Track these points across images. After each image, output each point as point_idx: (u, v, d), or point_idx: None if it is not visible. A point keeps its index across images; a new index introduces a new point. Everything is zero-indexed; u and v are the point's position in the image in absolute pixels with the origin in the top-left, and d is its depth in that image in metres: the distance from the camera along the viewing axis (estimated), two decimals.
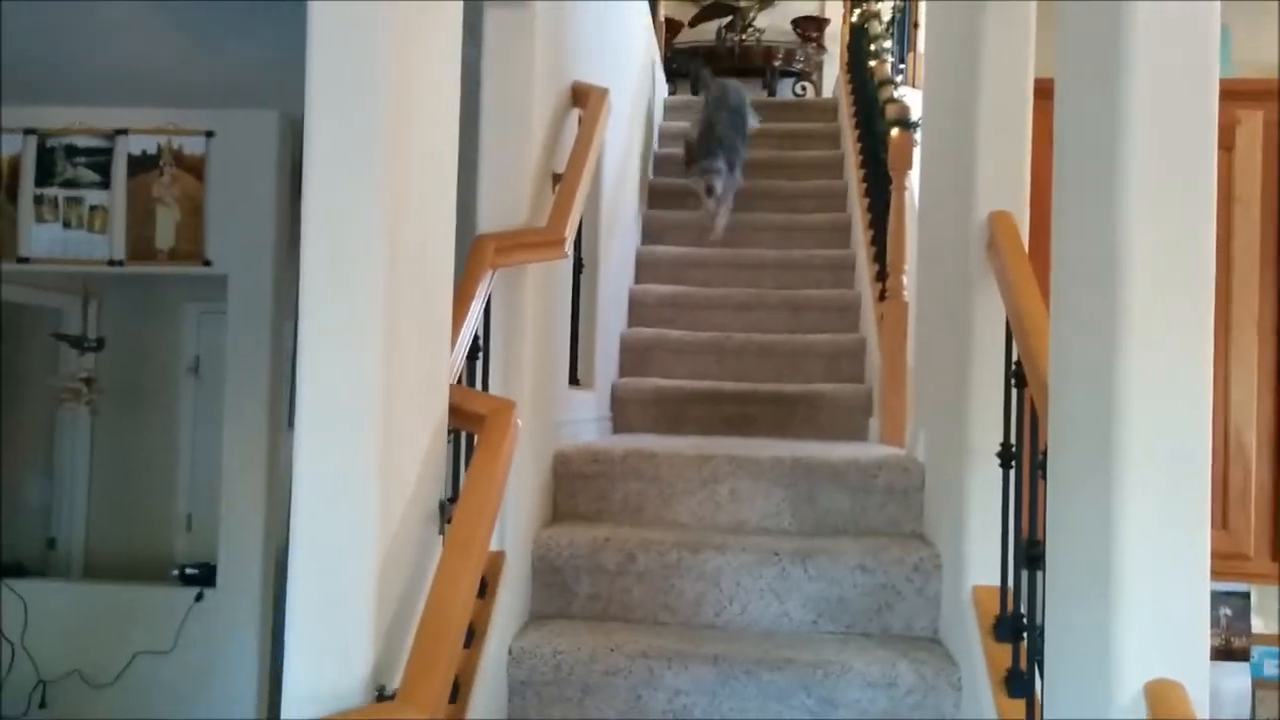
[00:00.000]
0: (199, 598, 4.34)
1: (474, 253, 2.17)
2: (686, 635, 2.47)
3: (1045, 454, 1.77)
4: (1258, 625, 2.55)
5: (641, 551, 2.59)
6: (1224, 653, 2.54)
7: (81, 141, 4.21)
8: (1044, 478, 1.79)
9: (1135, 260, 1.40)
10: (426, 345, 1.67)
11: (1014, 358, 2.11)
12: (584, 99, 2.91)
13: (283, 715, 1.41)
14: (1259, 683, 2.57)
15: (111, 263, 4.25)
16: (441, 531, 1.74)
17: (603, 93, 2.97)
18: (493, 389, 2.30)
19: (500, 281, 2.33)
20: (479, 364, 2.21)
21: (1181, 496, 1.39)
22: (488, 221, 2.36)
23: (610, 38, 3.94)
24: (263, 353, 4.32)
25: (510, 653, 2.34)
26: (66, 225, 4.21)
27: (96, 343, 4.67)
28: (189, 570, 4.52)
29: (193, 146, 4.22)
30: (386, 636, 1.49)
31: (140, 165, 4.23)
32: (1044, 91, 2.23)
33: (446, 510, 1.74)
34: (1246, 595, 2.54)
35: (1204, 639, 1.38)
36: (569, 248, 2.49)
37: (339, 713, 1.39)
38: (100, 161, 4.21)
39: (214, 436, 4.76)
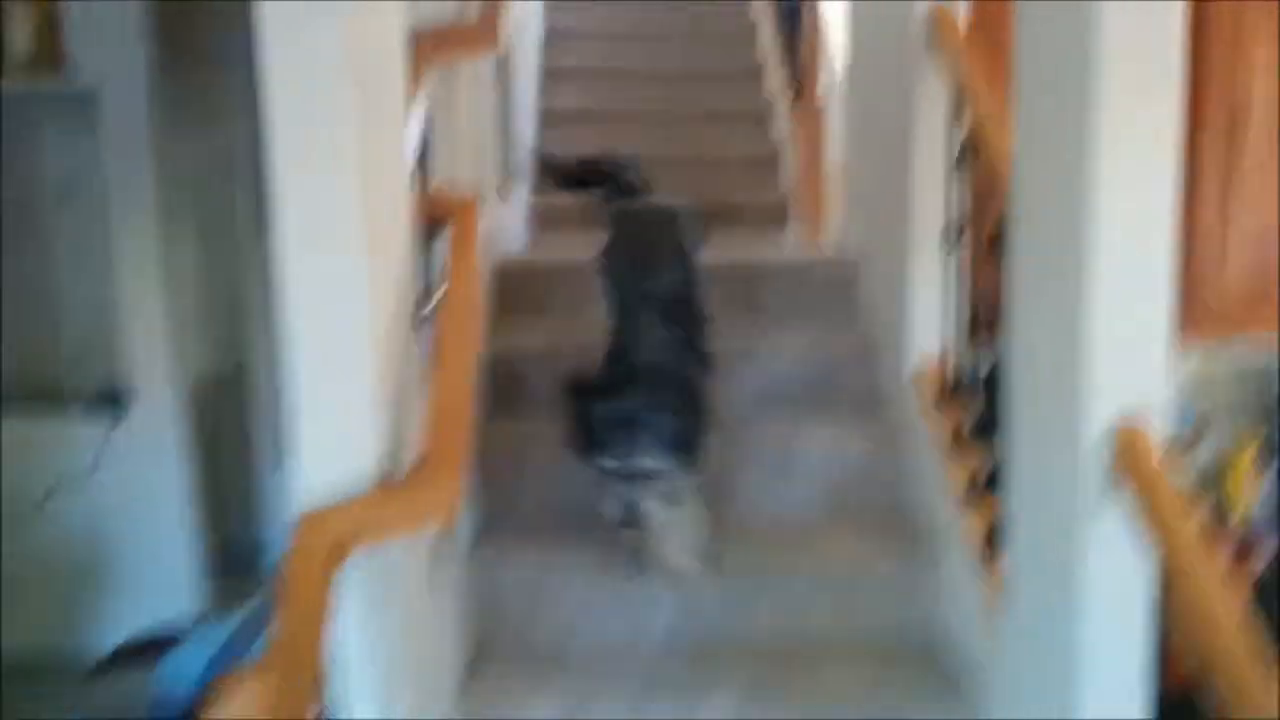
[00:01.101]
0: (115, 420, 4.22)
1: (415, 49, 2.07)
2: None
3: (998, 225, 1.87)
4: None
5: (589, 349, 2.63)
6: None
7: None
8: (992, 250, 1.90)
9: (1108, 36, 1.45)
10: (393, 147, 1.62)
11: (960, 139, 2.18)
12: None
13: (296, 505, 1.42)
14: None
15: None
16: (422, 321, 1.73)
17: None
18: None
19: (435, 80, 2.24)
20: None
21: (1145, 257, 1.50)
22: (420, 17, 2.24)
23: None
24: (143, 170, 4.05)
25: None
26: None
27: None
28: (93, 399, 4.37)
29: None
30: (391, 422, 1.50)
31: None
32: None
33: (424, 301, 1.74)
34: None
35: (1165, 385, 1.51)
36: (502, 43, 2.40)
37: (356, 495, 1.40)
38: None
39: (92, 262, 4.53)
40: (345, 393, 1.43)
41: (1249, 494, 2.58)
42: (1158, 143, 1.50)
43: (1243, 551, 2.49)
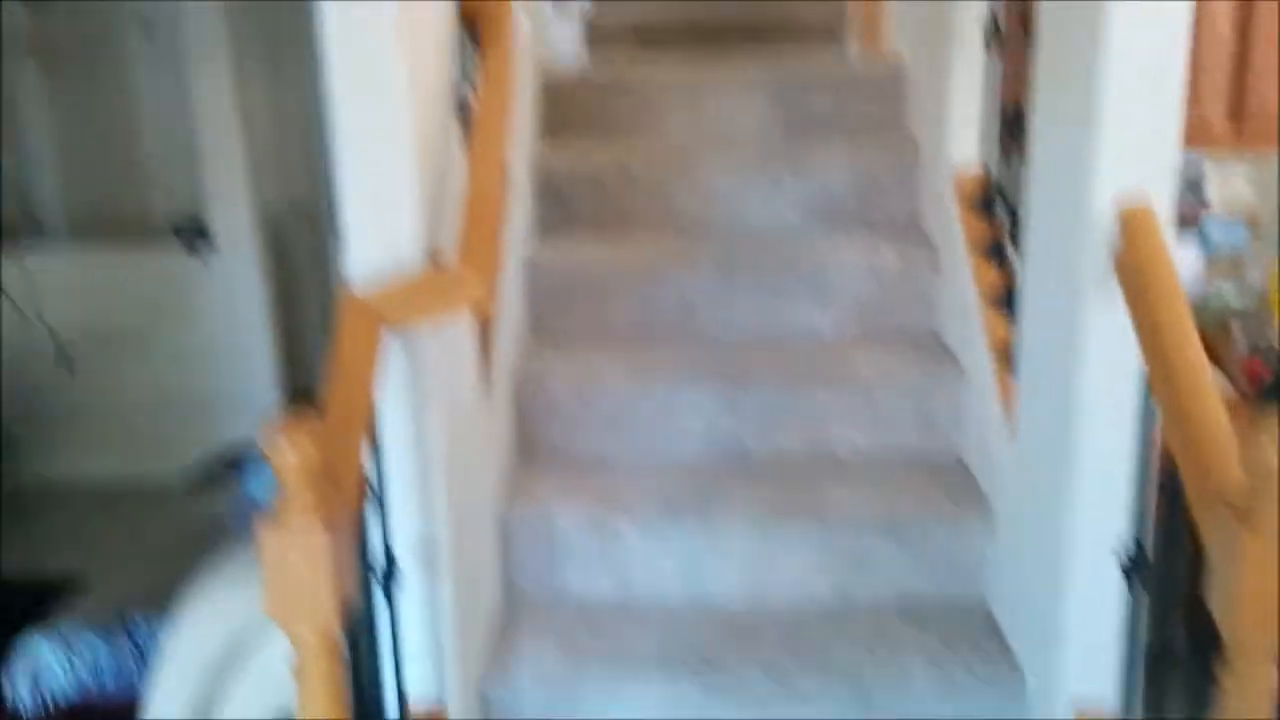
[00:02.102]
0: (195, 250, 4.46)
1: None
2: (687, 238, 2.64)
3: (1031, 25, 1.85)
4: (1211, 196, 2.75)
5: (638, 164, 2.69)
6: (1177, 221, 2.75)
7: None
8: (1029, 50, 1.88)
9: None
10: None
11: None
12: None
13: (347, 289, 1.56)
14: (1207, 254, 2.81)
15: None
16: (463, 126, 1.82)
17: None
18: None
19: None
20: None
21: (1159, 47, 1.49)
22: None
23: None
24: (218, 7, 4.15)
25: (526, 262, 2.50)
26: None
27: None
28: (181, 229, 4.60)
29: None
30: (430, 214, 1.61)
31: None
32: None
33: (465, 104, 1.82)
34: (1201, 167, 2.71)
35: (1171, 172, 1.53)
36: None
37: (397, 277, 1.54)
38: None
39: (173, 96, 4.67)
40: (389, 183, 1.54)
41: None
42: None
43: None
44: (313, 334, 5.45)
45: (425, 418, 1.63)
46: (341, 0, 1.48)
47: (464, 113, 1.85)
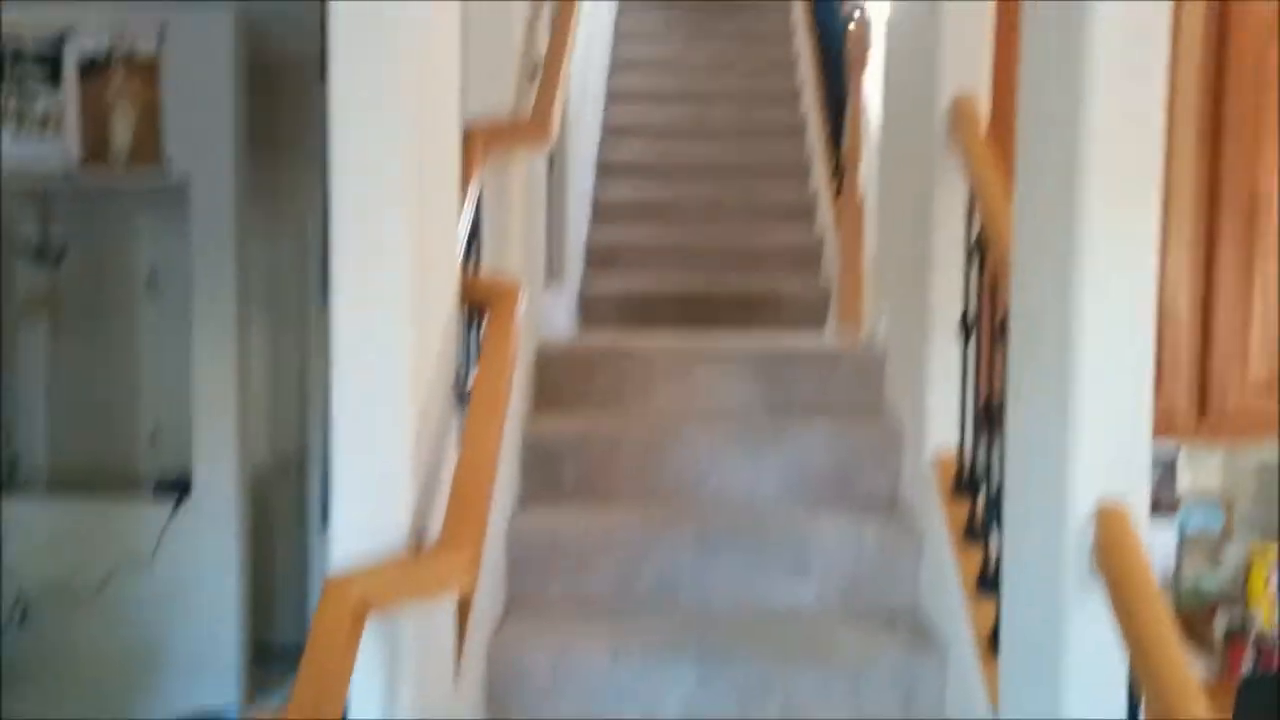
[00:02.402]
0: (177, 505, 4.43)
1: (466, 141, 2.25)
2: (670, 509, 2.65)
3: (1005, 319, 1.95)
4: (1184, 483, 2.80)
5: (625, 436, 2.75)
6: (1152, 508, 2.78)
7: (28, 43, 4.14)
8: (1003, 342, 1.98)
9: (1094, 148, 1.55)
10: (443, 230, 1.78)
11: (975, 233, 2.28)
12: None
13: (330, 568, 1.55)
14: (1185, 537, 2.83)
15: (67, 172, 4.22)
16: (460, 402, 1.87)
17: None
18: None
19: (488, 171, 2.42)
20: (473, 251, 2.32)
21: (1130, 345, 1.57)
22: (474, 112, 2.44)
23: None
24: (226, 260, 4.34)
25: (509, 529, 2.50)
26: (17, 128, 4.16)
27: (58, 256, 4.64)
28: (163, 483, 4.59)
29: (145, 46, 4.17)
30: (421, 496, 1.63)
31: (91, 67, 4.17)
32: None
33: (463, 382, 1.87)
34: (1174, 455, 2.78)
35: (1145, 468, 1.58)
36: (553, 137, 2.58)
37: (382, 561, 1.53)
38: (48, 64, 4.15)
39: (174, 349, 4.79)
40: (382, 466, 1.57)
41: (1271, 602, 2.56)
42: (1139, 248, 1.59)
43: (1261, 659, 2.47)
44: (285, 588, 5.34)
45: (396, 704, 1.58)
46: (354, 275, 1.56)
47: (459, 387, 1.91)
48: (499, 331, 1.86)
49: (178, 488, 4.49)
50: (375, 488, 1.56)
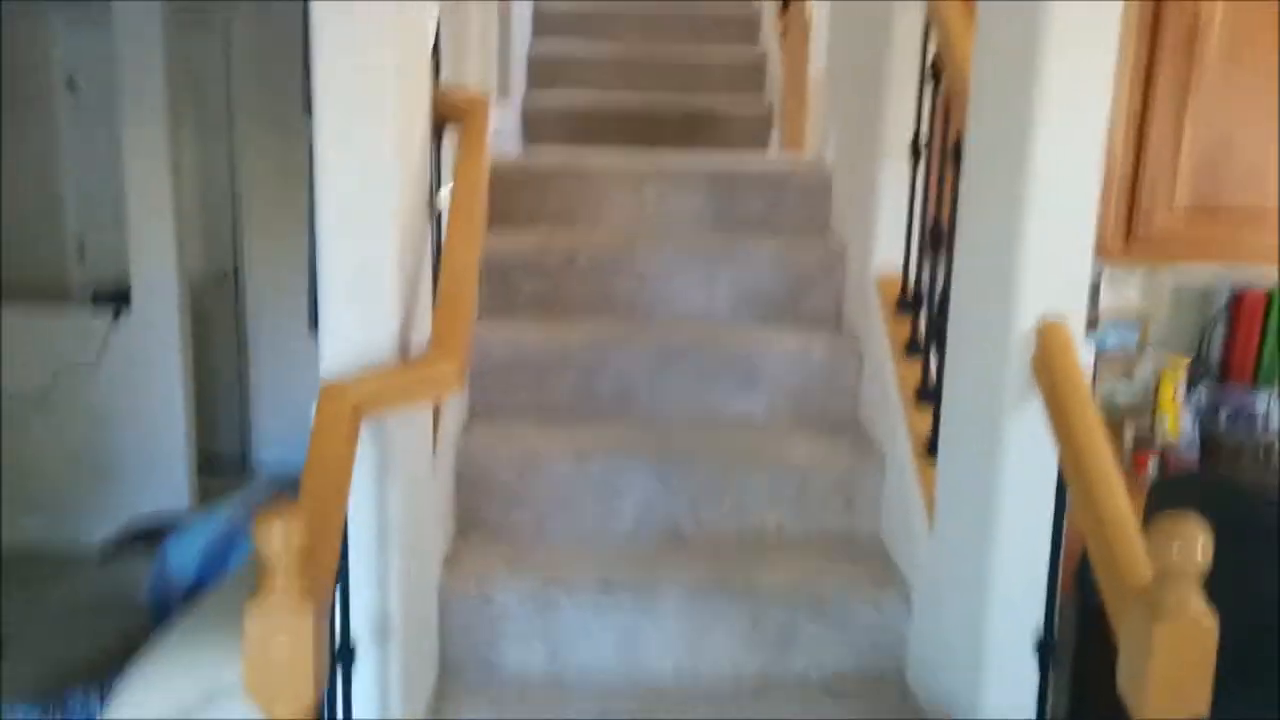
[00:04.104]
0: (116, 315, 4.39)
1: None
2: (625, 324, 2.75)
3: (958, 143, 2.04)
4: (1104, 302, 2.99)
5: (579, 252, 2.81)
6: None
7: None
8: (955, 165, 2.07)
9: None
10: (419, 45, 1.77)
11: (930, 55, 2.33)
12: None
13: (322, 373, 1.62)
14: (1101, 353, 3.04)
15: None
16: (434, 222, 1.91)
17: None
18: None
19: None
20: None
21: (1078, 172, 1.68)
22: None
23: None
24: (155, 62, 4.16)
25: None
26: None
27: None
28: (99, 293, 4.53)
29: None
30: (405, 304, 1.69)
31: None
32: None
33: (436, 198, 1.91)
34: (1097, 276, 2.95)
35: (1084, 287, 1.71)
36: None
37: (375, 365, 1.60)
38: None
39: (99, 156, 4.63)
40: (367, 274, 1.62)
41: (1177, 413, 2.79)
42: (1095, 81, 1.67)
43: (1165, 465, 2.72)
44: (225, 398, 5.39)
45: (388, 499, 1.69)
46: (337, 86, 1.56)
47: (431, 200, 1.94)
48: (472, 145, 1.89)
49: (115, 298, 4.45)
50: (363, 296, 1.62)
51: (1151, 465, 2.70)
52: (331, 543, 1.36)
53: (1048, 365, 1.61)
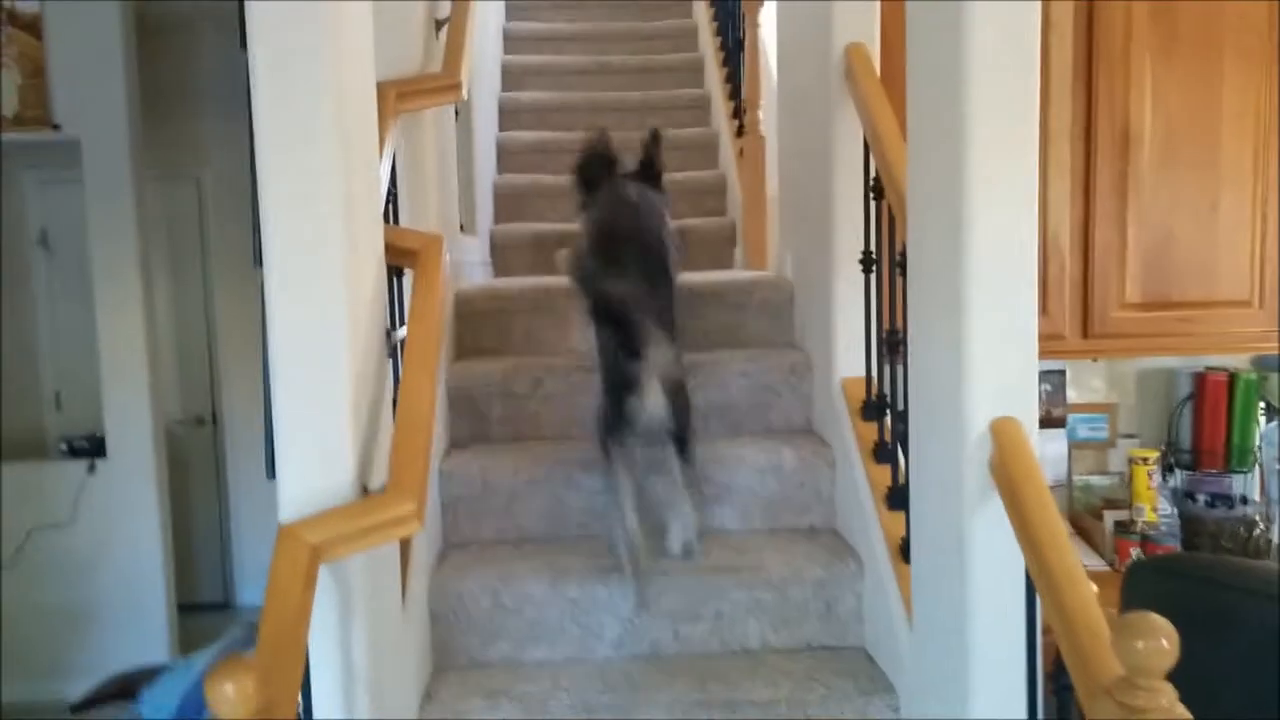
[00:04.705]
0: (91, 469, 4.37)
1: (379, 100, 2.27)
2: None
3: (904, 254, 2.09)
4: (1072, 396, 3.02)
5: (547, 375, 2.83)
6: (1045, 422, 3.01)
7: None
8: (903, 276, 2.12)
9: (977, 90, 1.68)
10: (368, 190, 1.82)
11: (872, 173, 2.41)
12: None
13: (280, 517, 1.61)
14: (1074, 445, 3.06)
15: None
16: (390, 355, 1.93)
17: None
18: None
19: (400, 127, 2.45)
20: (390, 205, 2.35)
21: (1015, 276, 1.71)
22: (384, 69, 2.45)
23: None
24: (128, 219, 4.24)
25: (440, 473, 2.57)
26: None
27: None
28: (74, 444, 4.51)
29: (26, 4, 4.00)
30: (363, 445, 1.70)
31: None
32: None
33: (392, 336, 1.93)
34: (1062, 372, 3.00)
35: (1033, 387, 1.73)
36: (465, 91, 2.61)
37: (333, 508, 1.60)
38: None
39: (73, 309, 4.68)
40: (324, 415, 1.62)
41: (1155, 501, 2.80)
42: (1021, 188, 1.72)
43: (1146, 550, 2.71)
44: (204, 545, 5.32)
45: (352, 643, 1.66)
46: (285, 235, 1.59)
47: (388, 338, 1.96)
48: (426, 284, 1.92)
49: (90, 448, 4.43)
50: (319, 439, 1.62)
51: (1134, 554, 2.69)
52: (290, 695, 1.33)
53: (1004, 465, 1.62)
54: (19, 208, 4.84)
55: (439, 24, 2.78)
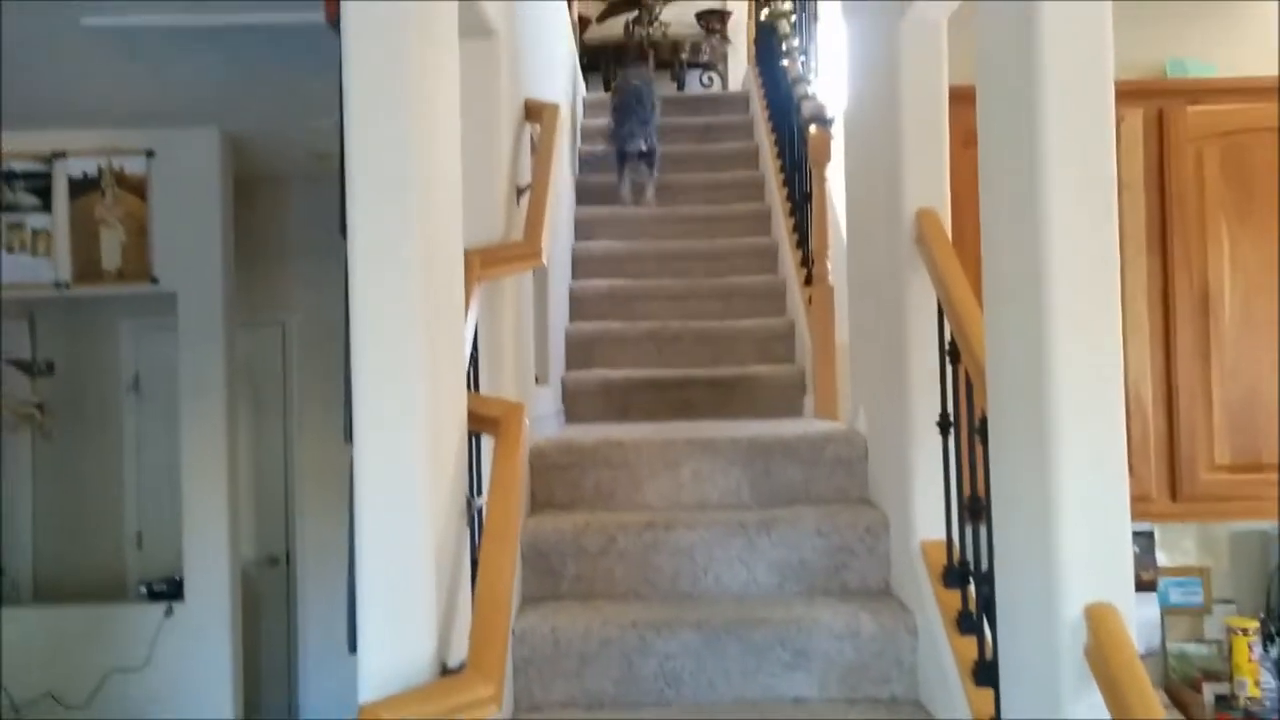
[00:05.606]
0: (169, 612, 4.42)
1: (465, 268, 2.36)
2: (669, 605, 2.72)
3: (983, 420, 2.07)
4: (1161, 559, 2.92)
5: (620, 533, 2.83)
6: (1135, 585, 2.90)
7: (20, 166, 4.23)
8: (982, 442, 2.09)
9: (1055, 256, 1.68)
10: (452, 357, 1.87)
11: (947, 338, 2.41)
12: (538, 114, 3.11)
13: (360, 697, 1.61)
14: (1166, 610, 2.94)
15: (58, 285, 4.29)
16: (470, 524, 1.95)
17: (555, 108, 3.18)
18: (482, 390, 2.50)
19: (483, 291, 2.53)
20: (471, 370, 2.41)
21: (1104, 448, 1.68)
22: (468, 236, 2.56)
23: (548, 48, 4.14)
24: (217, 365, 4.41)
25: (513, 633, 2.55)
26: (9, 250, 4.23)
27: (47, 366, 4.68)
28: (153, 586, 4.58)
29: (134, 166, 4.28)
30: (441, 619, 1.70)
31: (81, 187, 4.27)
32: (956, 97, 2.54)
33: (473, 505, 1.95)
34: (1151, 534, 2.90)
35: (1129, 566, 1.68)
36: (545, 257, 2.70)
37: (413, 688, 1.59)
38: (40, 185, 4.24)
39: (159, 452, 4.83)
40: (406, 593, 1.64)
41: (1257, 675, 2.66)
42: (1106, 354, 1.70)
43: None
44: (274, 682, 5.30)
45: None
46: (373, 405, 1.64)
47: (468, 506, 1.98)
48: (506, 453, 1.95)
49: (168, 591, 4.50)
50: (400, 615, 1.63)
51: None
52: None
53: (1104, 660, 1.56)
54: (114, 353, 5.06)
55: (520, 191, 2.90)
